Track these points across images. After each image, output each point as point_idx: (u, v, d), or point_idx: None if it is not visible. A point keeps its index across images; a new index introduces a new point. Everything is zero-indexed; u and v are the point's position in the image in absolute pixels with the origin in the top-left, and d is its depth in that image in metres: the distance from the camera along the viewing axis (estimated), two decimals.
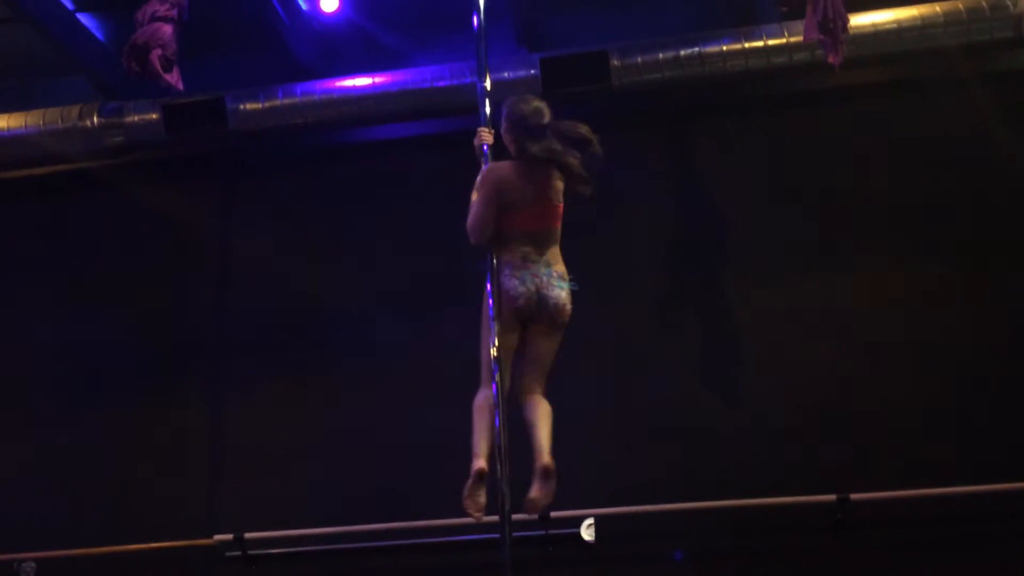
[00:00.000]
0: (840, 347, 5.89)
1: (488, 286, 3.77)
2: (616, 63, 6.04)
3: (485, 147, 3.95)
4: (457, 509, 5.49)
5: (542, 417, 3.77)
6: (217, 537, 5.81)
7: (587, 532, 5.42)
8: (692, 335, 6.09)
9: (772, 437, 5.76)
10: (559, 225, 3.93)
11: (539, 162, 3.81)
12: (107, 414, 6.42)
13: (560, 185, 3.87)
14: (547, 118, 3.89)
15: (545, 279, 3.80)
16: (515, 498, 3.54)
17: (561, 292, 3.82)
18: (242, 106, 6.31)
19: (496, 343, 3.67)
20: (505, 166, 3.88)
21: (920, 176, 6.16)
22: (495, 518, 3.60)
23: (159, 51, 4.94)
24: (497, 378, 3.64)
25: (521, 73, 6.10)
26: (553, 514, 5.49)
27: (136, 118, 6.40)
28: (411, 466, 5.96)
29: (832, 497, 5.41)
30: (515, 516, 3.59)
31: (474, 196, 3.89)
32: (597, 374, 6.06)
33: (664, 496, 5.62)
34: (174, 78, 5.04)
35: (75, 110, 6.42)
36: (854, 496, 5.40)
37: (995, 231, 6.03)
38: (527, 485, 3.75)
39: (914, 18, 5.89)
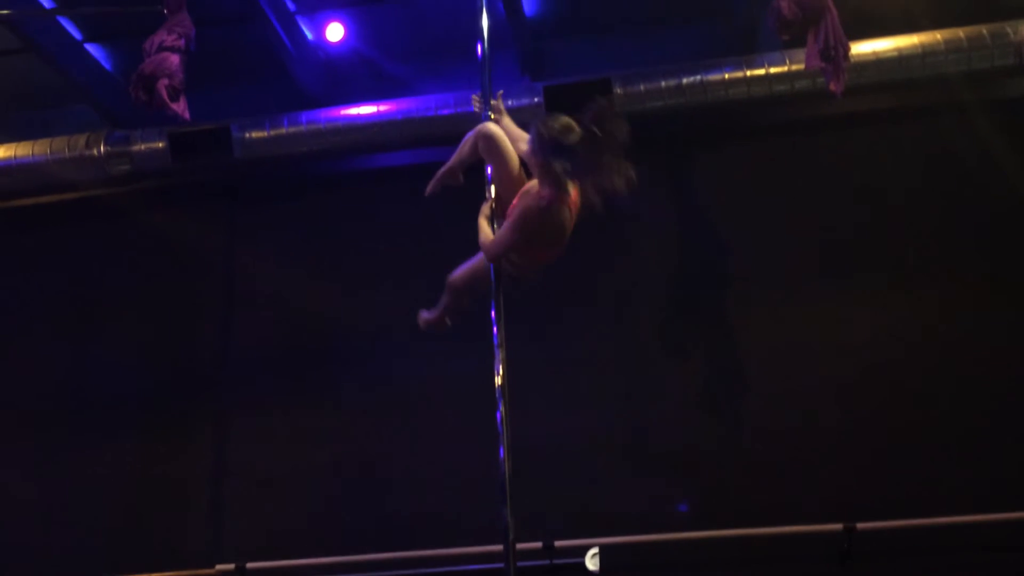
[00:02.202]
0: (844, 374, 5.87)
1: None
2: (619, 90, 6.08)
3: (485, 115, 3.96)
4: (460, 539, 5.48)
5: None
6: (219, 567, 5.77)
7: (592, 561, 5.37)
8: (695, 362, 6.08)
9: (777, 465, 5.73)
10: None
11: (565, 192, 3.59)
12: (111, 441, 6.41)
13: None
14: (576, 136, 3.52)
15: None
16: (519, 528, 3.52)
17: None
18: (248, 134, 6.36)
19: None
20: (548, 211, 3.58)
21: (923, 203, 6.17)
22: (499, 547, 3.58)
23: (166, 80, 4.99)
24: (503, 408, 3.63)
25: (525, 101, 6.14)
26: (558, 543, 5.46)
27: (142, 146, 6.45)
28: (414, 496, 5.94)
29: (838, 526, 5.37)
30: (519, 546, 3.56)
31: (483, 218, 3.86)
32: (601, 402, 6.04)
33: (669, 525, 5.59)
34: (181, 107, 5.08)
35: (82, 139, 6.47)
36: (860, 525, 5.35)
37: (998, 258, 6.02)
38: (531, 515, 3.72)
39: (915, 46, 5.93)
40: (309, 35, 6.56)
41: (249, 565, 5.73)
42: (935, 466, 5.60)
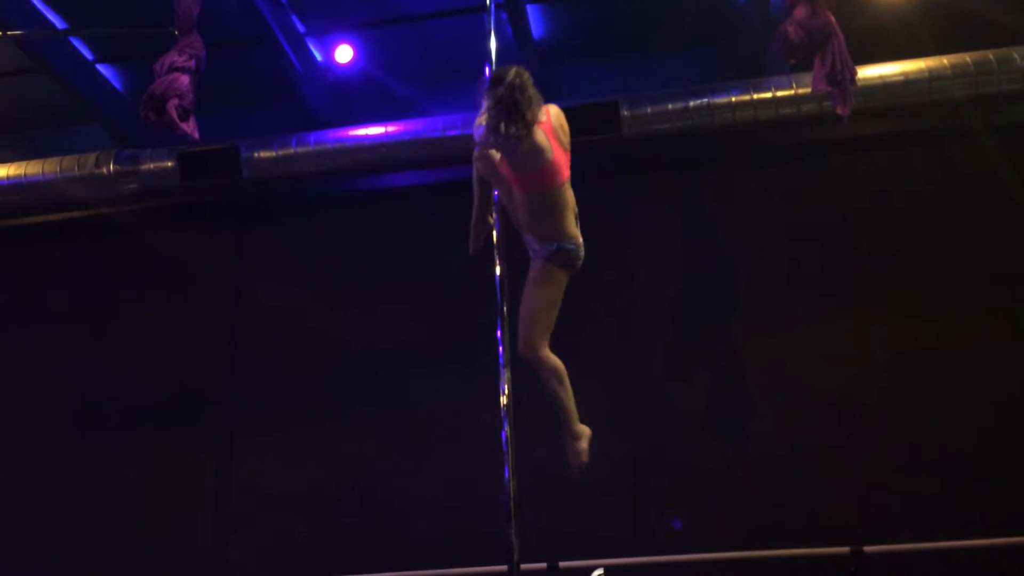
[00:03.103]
0: (851, 396, 5.86)
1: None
2: (626, 113, 6.11)
3: None
4: (465, 559, 5.45)
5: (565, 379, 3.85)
6: None
7: None
8: (700, 383, 6.07)
9: (784, 487, 5.71)
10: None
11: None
12: (117, 458, 6.42)
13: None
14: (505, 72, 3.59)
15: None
16: (524, 548, 3.50)
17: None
18: (256, 154, 6.39)
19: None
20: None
21: (927, 226, 6.18)
22: (503, 568, 3.56)
23: (176, 101, 5.02)
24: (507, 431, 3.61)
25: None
26: (562, 564, 5.42)
27: (151, 166, 6.49)
28: (419, 515, 5.92)
29: (846, 549, 5.33)
30: (524, 566, 3.55)
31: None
32: (606, 424, 5.98)
33: (674, 546, 5.56)
34: (190, 127, 5.11)
35: (91, 158, 6.52)
36: (868, 548, 5.31)
37: (1003, 280, 6.02)
38: (535, 536, 3.71)
39: (921, 71, 5.95)
40: (318, 57, 6.62)
41: None
42: (943, 489, 5.56)
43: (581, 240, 3.80)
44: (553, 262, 3.76)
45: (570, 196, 3.78)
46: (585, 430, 3.95)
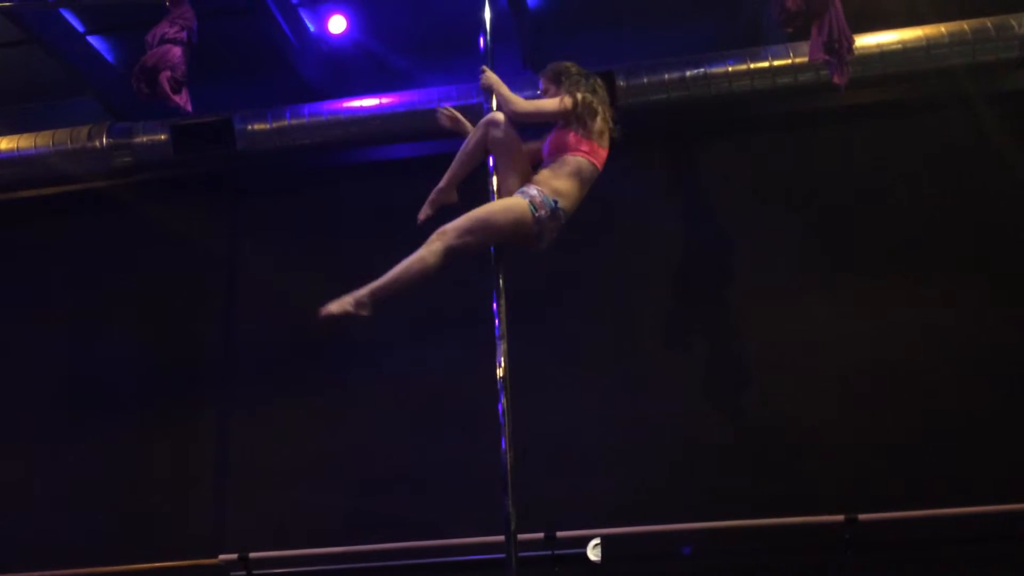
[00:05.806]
0: (846, 367, 5.88)
1: None
2: (622, 83, 6.08)
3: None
4: (462, 529, 5.51)
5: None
6: (222, 557, 5.80)
7: (593, 552, 5.39)
8: (697, 354, 6.09)
9: (779, 456, 5.75)
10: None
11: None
12: (114, 433, 6.43)
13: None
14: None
15: None
16: (520, 519, 3.53)
17: None
18: (250, 127, 6.36)
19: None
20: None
21: (925, 196, 6.17)
22: (500, 538, 3.59)
23: (168, 73, 4.99)
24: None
25: (527, 93, 6.11)
26: (559, 533, 5.48)
27: (144, 139, 6.45)
28: (416, 486, 5.96)
29: (840, 517, 5.39)
30: (520, 536, 3.57)
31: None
32: (603, 394, 6.05)
33: (671, 516, 5.60)
34: (183, 99, 5.08)
35: (84, 131, 6.47)
36: (862, 516, 5.37)
37: (1000, 251, 6.02)
38: (532, 506, 3.73)
39: (919, 39, 5.91)
40: (311, 27, 6.56)
41: (252, 555, 5.76)
42: (937, 458, 5.60)
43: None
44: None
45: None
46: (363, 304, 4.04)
